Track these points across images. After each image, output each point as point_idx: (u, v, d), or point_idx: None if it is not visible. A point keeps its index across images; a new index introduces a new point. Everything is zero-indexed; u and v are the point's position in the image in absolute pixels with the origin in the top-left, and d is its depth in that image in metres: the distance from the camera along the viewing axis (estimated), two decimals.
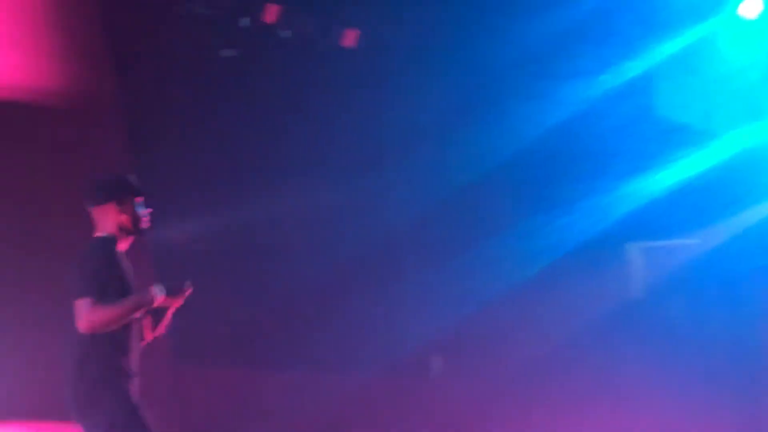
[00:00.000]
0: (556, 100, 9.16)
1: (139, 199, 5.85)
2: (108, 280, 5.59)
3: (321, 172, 9.67)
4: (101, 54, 9.12)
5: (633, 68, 9.21)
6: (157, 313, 5.86)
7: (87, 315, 5.43)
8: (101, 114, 9.10)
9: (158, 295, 5.55)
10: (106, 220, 5.81)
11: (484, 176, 9.23)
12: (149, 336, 5.92)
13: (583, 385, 9.05)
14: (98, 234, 5.82)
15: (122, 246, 5.77)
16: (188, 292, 5.68)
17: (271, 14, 9.39)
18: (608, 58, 9.13)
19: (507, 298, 9.10)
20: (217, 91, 9.64)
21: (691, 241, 9.39)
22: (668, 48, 9.18)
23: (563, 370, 9.10)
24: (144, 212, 5.83)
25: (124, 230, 5.83)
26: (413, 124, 9.63)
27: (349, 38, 9.58)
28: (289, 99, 9.63)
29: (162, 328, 5.90)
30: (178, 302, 5.71)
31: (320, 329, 9.62)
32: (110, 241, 5.79)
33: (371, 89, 9.54)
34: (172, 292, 5.62)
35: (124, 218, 5.83)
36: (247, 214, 9.54)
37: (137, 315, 5.58)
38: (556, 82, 9.14)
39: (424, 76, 9.43)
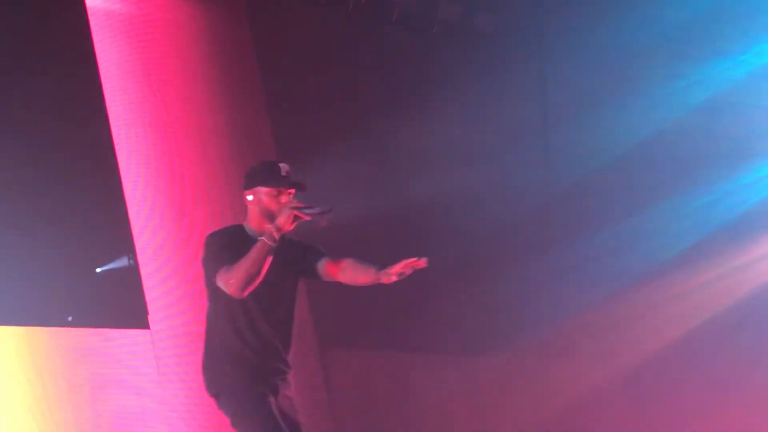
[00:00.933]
0: (697, 81, 9.04)
1: (276, 190, 5.42)
2: (236, 253, 5.24)
3: (461, 156, 9.75)
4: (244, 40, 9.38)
5: None
6: None
7: (225, 280, 5.19)
8: (246, 105, 9.35)
9: (273, 230, 5.18)
10: (249, 209, 5.51)
11: (621, 157, 9.17)
12: None
13: (726, 371, 8.91)
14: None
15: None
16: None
17: None
18: (752, 37, 8.97)
19: (647, 279, 9.03)
20: (359, 79, 9.83)
21: None
22: None
23: (704, 355, 8.97)
24: (281, 204, 5.36)
25: (264, 219, 5.41)
26: (549, 106, 9.64)
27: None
28: (430, 85, 9.74)
29: None
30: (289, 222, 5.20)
31: (465, 312, 9.70)
32: (230, 231, 5.47)
33: (508, 74, 9.57)
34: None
35: (256, 208, 5.47)
36: (389, 198, 9.68)
37: (267, 258, 5.16)
38: (696, 63, 9.03)
39: (561, 56, 9.42)
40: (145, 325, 8.34)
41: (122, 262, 8.51)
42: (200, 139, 9.00)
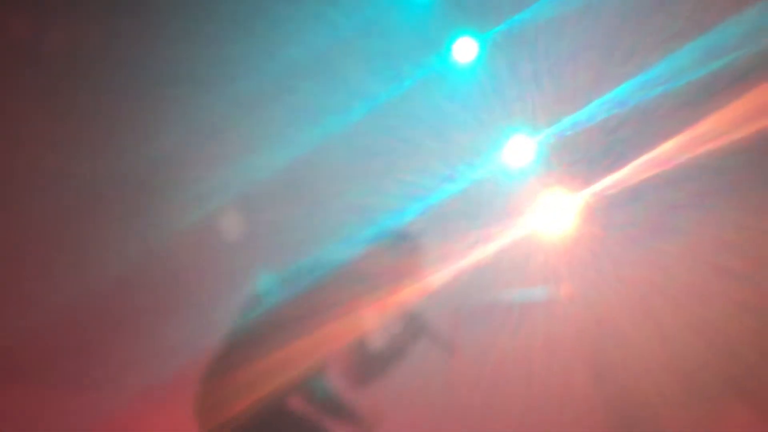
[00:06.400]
0: (275, 142, 9.08)
1: None
2: None
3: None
4: None
5: (354, 112, 9.23)
6: None
7: None
8: None
9: None
10: None
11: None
12: None
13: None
14: None
15: None
16: None
17: None
18: (328, 101, 9.13)
19: None
20: None
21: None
22: (388, 91, 9.27)
23: None
24: None
25: None
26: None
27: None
28: None
29: None
30: None
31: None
32: None
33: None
34: None
35: None
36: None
37: None
38: (275, 125, 9.08)
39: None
40: None
41: None
42: None
